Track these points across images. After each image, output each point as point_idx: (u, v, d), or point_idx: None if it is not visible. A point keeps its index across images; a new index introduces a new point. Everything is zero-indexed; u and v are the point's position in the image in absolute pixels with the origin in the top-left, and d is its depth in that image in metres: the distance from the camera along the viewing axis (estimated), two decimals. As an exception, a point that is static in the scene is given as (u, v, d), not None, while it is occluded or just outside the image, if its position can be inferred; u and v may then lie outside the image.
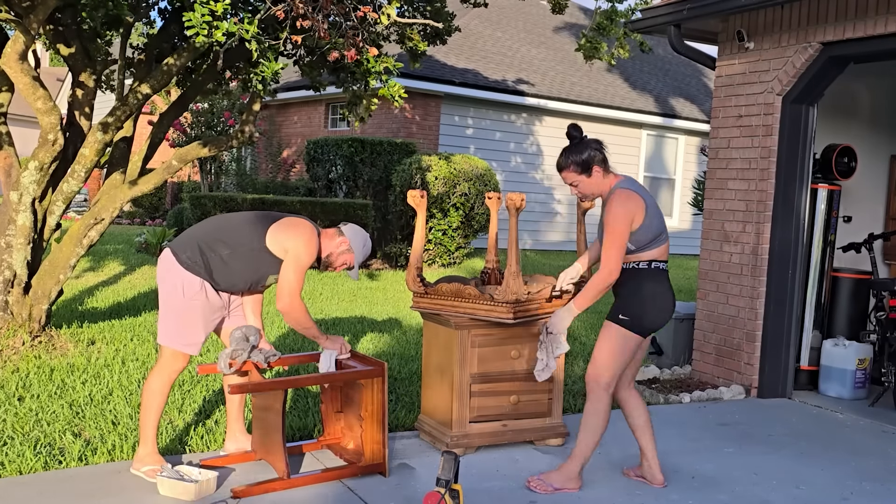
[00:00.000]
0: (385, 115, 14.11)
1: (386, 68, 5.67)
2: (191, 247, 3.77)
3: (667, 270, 3.86)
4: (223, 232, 3.82)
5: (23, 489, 3.55)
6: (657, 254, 3.79)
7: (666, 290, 3.81)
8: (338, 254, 3.95)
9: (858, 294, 6.35)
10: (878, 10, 5.12)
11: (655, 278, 3.77)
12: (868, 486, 4.19)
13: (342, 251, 3.96)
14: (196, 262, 3.74)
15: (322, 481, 3.81)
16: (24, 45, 5.18)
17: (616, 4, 11.23)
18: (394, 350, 6.48)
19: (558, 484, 3.85)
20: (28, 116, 25.59)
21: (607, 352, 3.79)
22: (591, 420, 3.82)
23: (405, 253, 11.63)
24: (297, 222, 3.86)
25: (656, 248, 3.78)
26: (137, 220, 17.37)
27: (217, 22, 4.41)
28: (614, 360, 3.78)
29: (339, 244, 3.95)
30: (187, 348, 3.77)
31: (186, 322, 3.74)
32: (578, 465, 3.86)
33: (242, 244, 3.77)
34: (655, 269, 3.78)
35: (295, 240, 3.77)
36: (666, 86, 18.07)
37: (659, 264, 3.80)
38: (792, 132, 5.81)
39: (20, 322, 5.66)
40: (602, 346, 3.81)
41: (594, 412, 3.81)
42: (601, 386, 3.79)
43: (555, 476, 3.88)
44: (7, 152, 5.79)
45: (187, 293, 3.72)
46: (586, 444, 3.85)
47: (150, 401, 3.77)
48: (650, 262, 3.77)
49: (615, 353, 3.77)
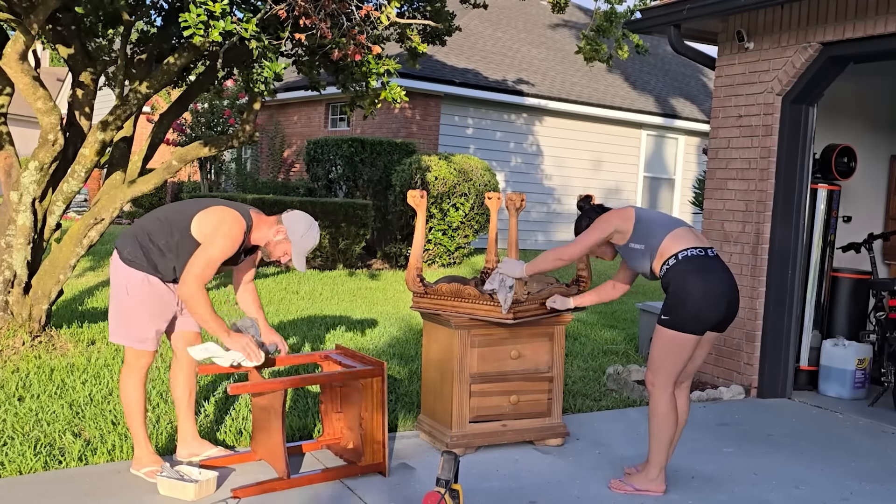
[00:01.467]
0: (385, 115, 14.12)
1: (387, 70, 5.67)
2: (130, 242, 3.69)
3: (703, 256, 3.69)
4: (158, 223, 3.71)
5: (23, 489, 3.55)
6: (676, 244, 3.70)
7: (703, 276, 3.64)
8: (275, 243, 3.73)
9: (858, 294, 6.36)
10: (878, 10, 5.12)
11: (682, 269, 3.65)
12: (867, 486, 4.19)
13: (278, 240, 3.72)
14: (137, 257, 3.66)
15: (322, 481, 3.81)
16: (25, 46, 5.19)
17: (615, 6, 11.24)
18: (394, 350, 6.48)
19: (640, 486, 3.88)
20: (28, 116, 25.59)
21: (655, 353, 3.79)
22: (651, 423, 3.85)
23: (405, 253, 11.64)
24: (222, 210, 3.66)
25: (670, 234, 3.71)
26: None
27: (214, 21, 4.41)
28: (663, 361, 3.75)
29: (276, 233, 3.72)
30: (140, 344, 3.71)
31: (133, 319, 3.68)
32: (656, 469, 3.87)
33: (173, 233, 3.65)
34: (682, 260, 3.67)
35: (213, 227, 3.59)
36: (666, 86, 18.07)
37: (685, 252, 3.67)
38: (792, 132, 5.82)
39: (20, 322, 5.66)
40: (652, 348, 3.82)
41: (652, 414, 3.83)
42: (654, 387, 3.79)
43: (636, 479, 3.92)
44: (7, 152, 5.79)
45: (130, 290, 3.66)
46: (653, 447, 3.86)
47: (128, 401, 3.76)
48: (674, 255, 3.68)
49: (662, 354, 3.74)
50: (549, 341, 4.46)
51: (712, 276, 3.67)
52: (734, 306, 3.76)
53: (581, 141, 15.63)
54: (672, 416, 3.80)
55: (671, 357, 3.72)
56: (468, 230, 11.61)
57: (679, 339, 3.69)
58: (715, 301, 3.66)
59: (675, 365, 3.74)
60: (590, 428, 4.88)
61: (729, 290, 3.70)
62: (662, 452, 3.85)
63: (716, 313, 3.68)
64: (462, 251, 11.93)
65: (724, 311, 3.71)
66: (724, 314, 3.72)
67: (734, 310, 3.77)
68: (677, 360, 3.73)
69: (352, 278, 10.48)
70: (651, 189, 16.77)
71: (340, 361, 4.05)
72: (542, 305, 4.30)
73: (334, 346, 6.43)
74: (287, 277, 10.05)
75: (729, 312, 3.74)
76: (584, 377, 6.07)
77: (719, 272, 3.70)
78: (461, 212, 11.29)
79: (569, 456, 4.37)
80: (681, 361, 3.73)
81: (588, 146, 15.75)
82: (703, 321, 3.68)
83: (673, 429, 3.82)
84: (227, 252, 3.60)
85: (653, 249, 3.74)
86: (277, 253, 3.75)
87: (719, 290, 3.67)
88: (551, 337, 4.47)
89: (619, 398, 5.58)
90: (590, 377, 6.08)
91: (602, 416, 5.20)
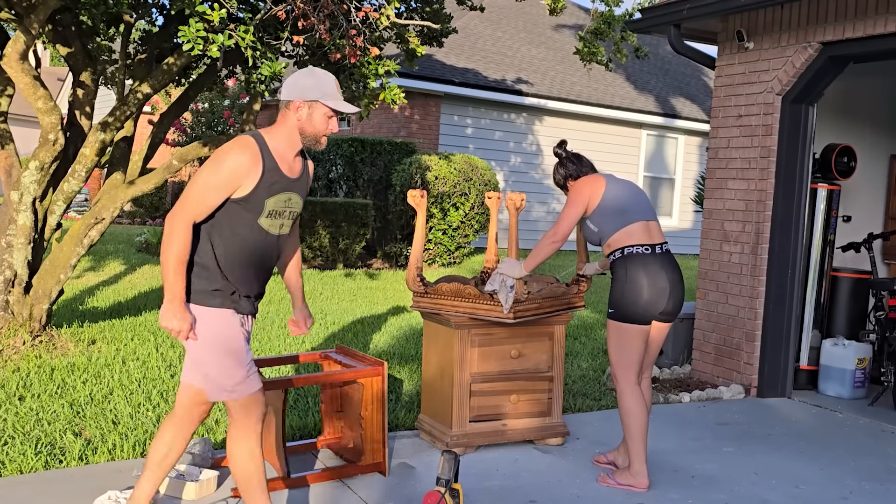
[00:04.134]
0: (385, 115, 14.12)
1: (387, 71, 5.68)
2: None
3: (648, 254, 3.85)
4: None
5: (23, 488, 3.56)
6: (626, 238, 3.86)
7: (644, 272, 3.82)
8: (306, 120, 2.94)
9: (858, 294, 6.36)
10: (878, 10, 5.12)
11: (627, 265, 3.85)
12: (867, 485, 4.20)
13: (307, 113, 2.94)
14: None
15: (322, 481, 3.82)
16: (25, 45, 5.19)
17: (613, 8, 11.23)
18: (394, 350, 6.48)
19: (623, 481, 3.95)
20: (29, 116, 25.60)
21: (610, 347, 3.98)
22: (623, 420, 3.96)
23: (405, 253, 11.64)
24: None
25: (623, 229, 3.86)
26: (138, 220, 17.38)
27: (212, 35, 4.40)
28: (618, 354, 3.92)
29: (296, 109, 2.93)
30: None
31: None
32: (637, 463, 3.93)
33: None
34: (628, 256, 3.86)
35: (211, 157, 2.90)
36: (666, 85, 18.07)
37: (632, 249, 3.85)
38: (791, 132, 5.82)
39: (21, 321, 5.66)
40: (609, 345, 3.98)
41: (622, 412, 3.96)
42: (617, 381, 3.95)
43: (619, 474, 3.99)
44: (8, 152, 5.80)
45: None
46: (630, 445, 3.94)
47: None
48: (622, 249, 3.88)
49: (615, 347, 3.93)
50: (549, 341, 4.47)
51: (651, 270, 3.83)
52: (677, 298, 3.91)
53: (581, 141, 15.62)
54: (639, 407, 3.91)
55: (624, 348, 3.90)
56: (468, 230, 11.62)
57: (626, 330, 3.88)
58: (655, 294, 3.83)
59: (631, 356, 3.90)
60: (590, 427, 4.89)
61: (668, 283, 3.87)
62: (639, 447, 3.93)
63: (655, 306, 3.85)
64: (462, 251, 11.93)
65: (666, 302, 3.88)
66: (664, 306, 3.88)
67: (677, 302, 3.92)
68: (631, 351, 3.89)
69: (352, 278, 10.48)
70: (651, 188, 16.77)
71: (340, 361, 4.06)
72: (542, 305, 4.31)
73: (334, 345, 6.45)
74: (287, 277, 10.05)
75: (672, 305, 3.90)
76: (584, 377, 6.08)
77: (658, 267, 3.85)
78: (461, 211, 11.30)
79: (569, 455, 4.37)
80: (634, 352, 3.89)
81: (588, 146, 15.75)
82: (645, 312, 3.85)
83: (643, 421, 3.92)
84: (221, 175, 2.82)
85: (604, 236, 3.95)
86: (319, 125, 2.95)
87: (659, 284, 3.84)
88: (551, 336, 4.47)
89: (619, 398, 5.58)
90: (590, 377, 6.09)
91: (602, 415, 5.20)
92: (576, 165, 4.11)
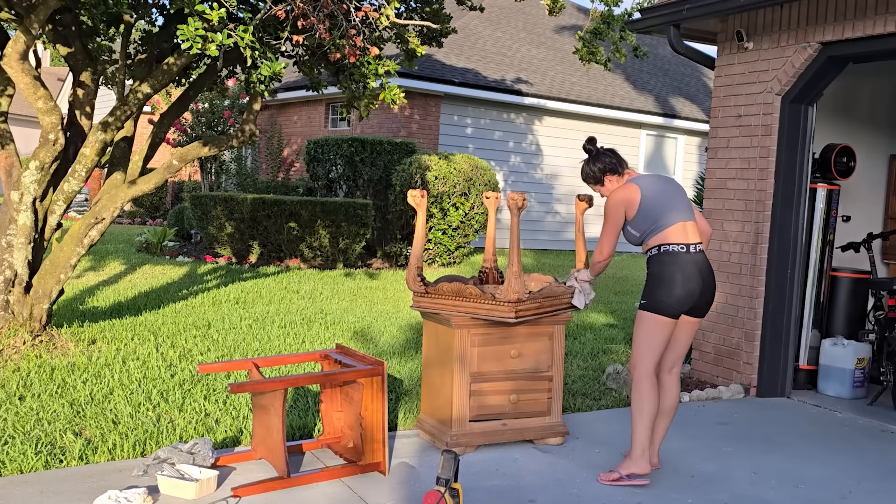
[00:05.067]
0: (385, 115, 14.12)
1: (387, 71, 5.69)
2: None
3: (683, 252, 3.95)
4: None
5: (24, 488, 3.56)
6: (665, 237, 3.96)
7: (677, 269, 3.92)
8: None
9: (857, 293, 6.36)
10: (878, 10, 5.13)
11: (663, 260, 3.95)
12: (867, 485, 4.20)
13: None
14: None
15: (322, 480, 3.82)
16: (25, 45, 5.19)
17: (612, 8, 11.22)
18: (394, 350, 6.49)
19: (624, 469, 3.98)
20: (29, 116, 25.61)
21: (636, 336, 4.03)
22: (633, 405, 4.01)
23: (405, 252, 11.65)
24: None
25: (660, 232, 3.97)
26: (138, 220, 17.39)
27: (211, 34, 4.41)
28: (643, 343, 3.98)
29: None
30: None
31: None
32: (638, 448, 3.97)
33: None
34: (664, 252, 3.96)
35: None
36: (666, 85, 18.08)
37: (668, 247, 3.95)
38: (791, 132, 5.83)
39: (21, 321, 5.67)
40: (634, 334, 4.04)
41: (634, 397, 4.01)
42: (637, 371, 3.99)
43: (621, 464, 4.03)
44: (8, 152, 5.80)
45: None
46: (635, 429, 3.99)
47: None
48: (658, 246, 3.98)
49: (641, 336, 3.99)
50: (548, 340, 4.47)
51: (686, 269, 3.93)
52: (708, 294, 4.01)
53: (581, 140, 15.60)
54: (652, 395, 3.96)
55: (649, 338, 3.96)
56: (468, 229, 11.62)
57: (656, 321, 3.94)
58: (688, 288, 3.92)
59: (654, 346, 3.96)
60: (589, 427, 4.89)
61: (701, 279, 3.96)
62: (644, 432, 3.96)
63: (687, 299, 3.93)
64: (462, 251, 11.94)
65: (698, 297, 3.97)
66: (696, 300, 3.97)
67: (708, 297, 4.02)
68: (656, 342, 3.96)
69: (352, 278, 10.49)
70: (651, 189, 16.76)
71: (340, 360, 4.06)
72: (543, 304, 4.32)
73: (334, 345, 6.46)
74: (287, 277, 10.06)
75: (703, 300, 4.00)
76: (584, 376, 6.08)
77: (694, 268, 3.95)
78: (461, 211, 11.30)
79: (568, 455, 4.38)
80: (659, 343, 3.96)
81: (588, 146, 15.74)
82: (676, 305, 3.92)
83: (652, 408, 3.96)
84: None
85: (646, 237, 4.03)
86: None
87: (693, 279, 3.93)
88: (551, 336, 4.48)
89: (618, 397, 5.59)
90: (589, 376, 6.09)
91: (602, 415, 5.21)
92: (612, 158, 4.12)
